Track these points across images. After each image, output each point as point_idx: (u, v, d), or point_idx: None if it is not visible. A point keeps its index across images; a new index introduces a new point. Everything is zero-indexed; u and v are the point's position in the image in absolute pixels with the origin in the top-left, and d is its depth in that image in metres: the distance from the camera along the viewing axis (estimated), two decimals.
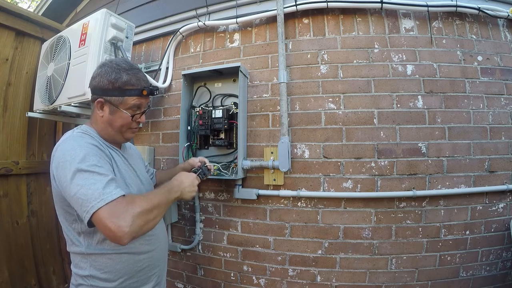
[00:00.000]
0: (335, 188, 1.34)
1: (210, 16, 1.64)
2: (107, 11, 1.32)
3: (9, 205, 1.57)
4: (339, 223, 1.33)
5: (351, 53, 1.40)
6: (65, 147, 0.77)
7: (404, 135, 1.33)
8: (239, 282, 1.46)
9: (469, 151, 1.33)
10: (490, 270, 1.33)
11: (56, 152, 0.78)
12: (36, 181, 1.76)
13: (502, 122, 1.37)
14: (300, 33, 1.47)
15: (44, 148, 1.83)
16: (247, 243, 1.44)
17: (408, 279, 1.30)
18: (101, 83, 0.85)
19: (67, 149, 0.75)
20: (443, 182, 1.31)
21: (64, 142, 0.79)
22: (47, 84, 1.46)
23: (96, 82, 0.86)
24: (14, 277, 1.53)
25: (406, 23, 1.42)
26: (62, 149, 0.77)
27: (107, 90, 0.84)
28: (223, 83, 1.51)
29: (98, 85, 0.85)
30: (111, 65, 0.86)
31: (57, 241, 1.87)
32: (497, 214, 1.34)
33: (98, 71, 0.87)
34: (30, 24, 1.69)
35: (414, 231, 1.31)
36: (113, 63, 0.87)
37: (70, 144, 0.77)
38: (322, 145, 1.36)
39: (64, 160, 0.73)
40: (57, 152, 0.78)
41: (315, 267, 1.35)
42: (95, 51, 1.28)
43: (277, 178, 1.39)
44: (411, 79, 1.36)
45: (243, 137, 1.41)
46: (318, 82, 1.41)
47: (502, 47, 1.43)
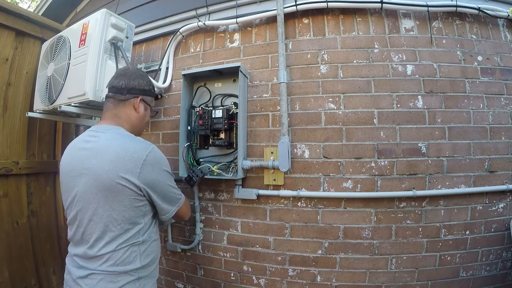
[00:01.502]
0: (335, 188, 1.34)
1: (210, 16, 1.64)
2: (107, 11, 1.32)
3: (9, 205, 1.57)
4: (339, 223, 1.33)
5: (351, 53, 1.40)
6: (159, 153, 0.93)
7: (404, 135, 1.33)
8: (239, 282, 1.46)
9: (469, 151, 1.33)
10: (490, 270, 1.33)
11: (149, 156, 0.88)
12: (36, 181, 1.76)
13: (502, 122, 1.37)
14: (300, 33, 1.47)
15: (44, 148, 1.83)
16: (247, 243, 1.44)
17: (408, 279, 1.30)
18: (141, 84, 1.00)
19: (162, 156, 0.94)
20: (443, 182, 1.31)
21: (155, 151, 0.91)
22: (47, 84, 1.46)
23: (136, 83, 0.99)
24: (14, 277, 1.53)
25: (406, 23, 1.42)
26: (156, 155, 0.91)
27: (145, 91, 1.02)
28: (223, 83, 1.51)
29: (137, 85, 0.99)
30: (139, 70, 1.05)
31: (57, 241, 1.87)
32: (497, 214, 1.34)
33: (135, 74, 1.00)
34: (30, 24, 1.69)
35: (414, 231, 1.31)
36: (135, 68, 1.06)
37: (158, 150, 0.93)
38: (322, 145, 1.36)
39: (165, 164, 0.94)
40: (150, 155, 0.88)
41: (315, 267, 1.35)
42: (95, 51, 1.28)
43: (277, 178, 1.39)
44: (411, 79, 1.36)
45: (243, 137, 1.41)
46: (318, 82, 1.41)
47: (502, 47, 1.43)
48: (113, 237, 0.84)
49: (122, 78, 0.98)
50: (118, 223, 0.84)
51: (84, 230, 0.86)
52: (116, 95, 0.97)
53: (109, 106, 0.98)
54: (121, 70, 1.02)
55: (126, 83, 0.97)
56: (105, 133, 0.91)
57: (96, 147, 0.87)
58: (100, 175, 0.82)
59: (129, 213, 0.85)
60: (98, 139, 0.89)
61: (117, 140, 0.88)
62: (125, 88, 0.97)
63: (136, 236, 0.87)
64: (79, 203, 0.86)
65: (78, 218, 0.88)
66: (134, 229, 0.87)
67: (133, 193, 0.84)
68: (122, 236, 0.85)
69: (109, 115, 0.97)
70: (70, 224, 0.91)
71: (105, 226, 0.83)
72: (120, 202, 0.84)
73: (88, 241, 0.85)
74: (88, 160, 0.86)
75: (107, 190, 0.82)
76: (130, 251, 0.86)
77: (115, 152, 0.84)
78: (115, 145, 0.86)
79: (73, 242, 0.92)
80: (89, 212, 0.85)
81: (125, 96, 0.97)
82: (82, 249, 0.86)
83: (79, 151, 0.91)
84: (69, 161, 0.92)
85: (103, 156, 0.84)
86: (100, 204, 0.83)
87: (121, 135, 0.91)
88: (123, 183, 0.82)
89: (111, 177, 0.82)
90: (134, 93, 0.98)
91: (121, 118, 0.97)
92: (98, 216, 0.84)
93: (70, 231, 0.92)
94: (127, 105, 0.98)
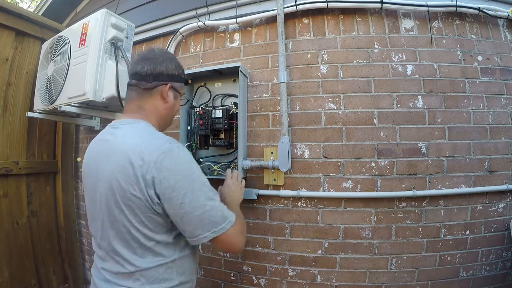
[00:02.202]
0: (335, 188, 1.34)
1: (210, 16, 1.64)
2: (107, 11, 1.32)
3: (9, 205, 1.57)
4: (339, 223, 1.33)
5: (351, 53, 1.40)
6: (177, 153, 0.71)
7: (404, 135, 1.33)
8: (239, 282, 1.46)
9: (469, 151, 1.33)
10: (490, 270, 1.33)
11: (163, 157, 0.68)
12: (36, 181, 1.76)
13: (502, 122, 1.37)
14: (300, 33, 1.47)
15: (44, 148, 1.83)
16: (247, 243, 1.44)
17: (408, 279, 1.30)
18: (169, 68, 0.83)
19: (184, 157, 0.73)
20: (443, 182, 1.31)
21: (173, 150, 0.71)
22: (47, 84, 1.46)
23: (164, 67, 0.82)
24: (14, 277, 1.53)
25: (406, 23, 1.42)
26: (173, 155, 0.70)
27: (174, 76, 0.85)
28: (223, 83, 1.51)
29: (165, 70, 0.82)
30: (166, 52, 0.87)
31: (57, 241, 1.87)
32: (497, 214, 1.34)
33: (162, 56, 0.83)
34: (30, 24, 1.69)
35: (414, 231, 1.31)
36: (161, 50, 0.87)
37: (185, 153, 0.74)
38: (322, 145, 1.36)
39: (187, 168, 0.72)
40: (164, 157, 0.68)
41: (315, 267, 1.35)
42: (95, 51, 1.28)
43: (277, 178, 1.39)
44: (411, 79, 1.36)
45: (243, 137, 1.41)
46: (318, 82, 1.41)
47: (502, 47, 1.43)
48: (142, 255, 0.72)
49: (147, 62, 0.81)
50: (140, 241, 0.71)
51: (109, 245, 0.74)
52: (140, 83, 0.81)
53: (132, 96, 0.83)
54: (144, 53, 0.84)
55: (152, 68, 0.81)
56: (123, 128, 0.77)
57: (110, 148, 0.74)
58: (114, 184, 0.69)
59: (151, 229, 0.71)
60: (114, 138, 0.76)
61: (130, 138, 0.73)
62: (151, 74, 0.81)
63: (170, 253, 0.75)
64: (102, 214, 0.74)
65: (102, 231, 0.76)
66: (164, 246, 0.74)
67: (149, 207, 0.69)
68: (153, 253, 0.73)
69: (132, 107, 0.82)
70: (95, 235, 0.80)
71: (130, 241, 0.71)
72: (137, 217, 0.70)
73: (114, 258, 0.74)
74: (103, 164, 0.74)
75: (122, 203, 0.69)
76: (164, 267, 0.74)
77: (125, 155, 0.69)
78: (126, 144, 0.71)
79: (99, 255, 0.81)
80: (113, 226, 0.72)
81: (151, 84, 0.81)
82: (109, 264, 0.76)
83: (97, 151, 0.80)
84: (88, 162, 0.82)
85: (114, 159, 0.71)
86: (120, 218, 0.70)
87: (137, 131, 0.75)
88: (137, 194, 0.67)
89: (123, 186, 0.68)
90: (161, 80, 0.82)
91: (146, 109, 0.82)
92: (121, 233, 0.71)
93: (95, 242, 0.81)
94: (154, 94, 0.82)
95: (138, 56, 0.84)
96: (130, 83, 0.83)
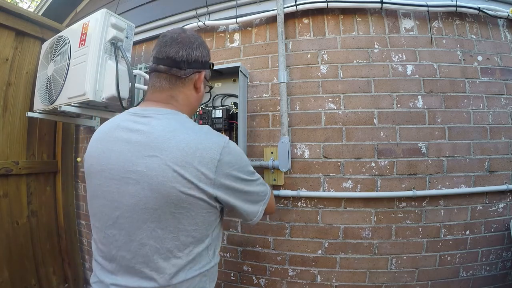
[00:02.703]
0: (335, 188, 1.34)
1: (210, 16, 1.64)
2: (107, 11, 1.32)
3: (9, 205, 1.57)
4: (339, 223, 1.33)
5: (351, 53, 1.40)
6: (234, 147, 0.69)
7: (404, 135, 1.33)
8: (239, 282, 1.46)
9: (469, 151, 1.33)
10: (490, 270, 1.33)
11: (225, 153, 0.64)
12: (36, 181, 1.76)
13: (502, 122, 1.37)
14: (300, 33, 1.47)
15: (44, 148, 1.83)
16: (247, 243, 1.44)
17: (408, 279, 1.30)
18: (203, 55, 0.74)
19: (238, 149, 0.72)
20: (443, 182, 1.31)
21: (230, 145, 0.67)
22: (47, 84, 1.46)
23: (200, 53, 0.73)
24: (14, 277, 1.53)
25: (406, 23, 1.42)
26: (232, 150, 0.68)
27: (206, 63, 0.77)
28: (223, 83, 1.51)
29: (200, 57, 0.73)
30: (197, 36, 0.76)
31: (57, 241, 1.87)
32: (497, 214, 1.34)
33: (197, 41, 0.73)
34: (30, 24, 1.69)
35: (414, 231, 1.31)
36: (192, 32, 0.76)
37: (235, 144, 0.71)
38: (322, 145, 1.36)
39: (244, 160, 0.72)
40: (226, 152, 0.64)
41: (315, 267, 1.35)
42: (95, 51, 1.28)
43: (277, 178, 1.39)
44: (411, 79, 1.36)
45: (243, 137, 1.41)
46: (318, 82, 1.41)
47: (502, 47, 1.43)
48: (180, 266, 0.62)
49: (182, 47, 0.70)
50: (186, 246, 0.63)
51: (134, 257, 0.62)
52: (173, 70, 0.70)
53: (162, 85, 0.71)
54: (176, 34, 0.72)
55: (187, 54, 0.70)
56: (160, 119, 0.65)
57: (150, 140, 0.62)
58: (162, 184, 0.58)
59: (200, 231, 0.64)
60: (152, 128, 0.63)
61: (179, 132, 0.62)
62: (186, 61, 0.70)
63: (206, 257, 0.68)
64: (126, 220, 0.62)
65: (121, 240, 0.63)
66: (204, 250, 0.67)
67: (207, 206, 0.63)
68: (192, 262, 0.64)
69: (163, 97, 0.71)
70: (105, 244, 0.66)
71: (169, 251, 0.61)
72: (190, 220, 0.62)
73: (141, 271, 0.62)
74: (137, 159, 0.61)
75: (172, 205, 0.60)
76: (200, 276, 0.66)
77: (179, 150, 0.60)
78: (178, 139, 0.61)
79: (108, 268, 0.66)
80: (143, 234, 0.61)
81: (185, 72, 0.71)
82: (128, 279, 0.63)
83: (119, 142, 0.65)
84: (100, 155, 0.67)
85: (163, 155, 0.59)
86: (162, 224, 0.60)
87: (183, 125, 0.66)
88: (195, 194, 0.60)
89: (177, 187, 0.59)
90: (196, 67, 0.73)
91: (179, 101, 0.72)
92: (158, 240, 0.61)
93: (103, 252, 0.68)
94: (187, 84, 0.73)
95: (167, 37, 0.72)
96: (159, 69, 0.71)
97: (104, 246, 0.67)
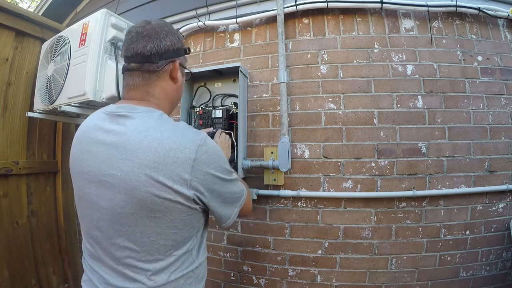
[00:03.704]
0: (335, 188, 1.34)
1: (210, 16, 1.64)
2: (107, 11, 1.32)
3: (9, 205, 1.57)
4: (339, 223, 1.33)
5: (351, 53, 1.40)
6: (211, 144, 0.66)
7: (404, 135, 1.33)
8: (239, 282, 1.46)
9: (469, 151, 1.33)
10: (490, 270, 1.33)
11: (201, 151, 0.62)
12: (36, 181, 1.76)
13: (502, 122, 1.37)
14: (300, 33, 1.47)
15: (44, 148, 1.83)
16: (247, 243, 1.44)
17: (408, 279, 1.30)
18: (174, 42, 0.69)
19: (215, 146, 0.67)
20: (443, 182, 1.31)
21: (207, 142, 0.64)
22: (47, 84, 1.46)
23: (169, 42, 0.68)
24: (14, 277, 1.53)
25: (406, 23, 1.42)
26: (209, 147, 0.64)
27: (179, 50, 0.72)
28: (223, 83, 1.51)
29: (171, 45, 0.69)
30: (164, 23, 0.71)
31: (57, 241, 1.87)
32: (497, 214, 1.34)
33: (164, 30, 0.68)
34: (30, 24, 1.69)
35: (414, 231, 1.31)
36: (158, 21, 0.71)
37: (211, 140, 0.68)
38: (322, 145, 1.36)
39: (221, 157, 0.69)
40: (202, 151, 0.62)
41: (315, 267, 1.35)
42: (95, 51, 1.28)
43: (277, 178, 1.39)
44: (411, 79, 1.36)
45: (243, 137, 1.41)
46: (318, 82, 1.41)
47: (502, 47, 1.43)
48: (161, 269, 0.62)
49: (149, 40, 0.66)
50: (167, 249, 0.62)
51: (116, 259, 0.63)
52: (144, 66, 0.66)
53: (136, 83, 0.68)
54: (141, 28, 0.67)
55: (156, 46, 0.66)
56: (135, 118, 0.63)
57: (123, 142, 0.60)
58: (136, 188, 0.57)
59: (180, 235, 0.63)
60: (125, 129, 0.62)
61: (153, 132, 0.60)
62: (156, 53, 0.66)
63: (189, 258, 0.67)
64: (105, 223, 0.62)
65: (103, 243, 0.64)
66: (186, 251, 0.66)
67: (186, 209, 0.61)
68: (173, 263, 0.64)
69: (138, 94, 0.68)
70: (91, 244, 0.68)
71: (149, 254, 0.61)
72: (169, 223, 0.60)
73: (123, 273, 0.62)
74: (112, 161, 0.60)
75: (147, 210, 0.58)
76: (185, 278, 0.66)
77: (151, 152, 0.57)
78: (150, 139, 0.59)
79: (95, 268, 0.68)
80: (122, 237, 0.61)
81: (157, 65, 0.67)
82: (115, 279, 0.63)
83: (95, 143, 0.64)
84: (81, 156, 0.66)
85: (135, 157, 0.58)
86: (139, 228, 0.60)
87: (157, 123, 0.63)
88: (171, 198, 0.58)
89: (152, 191, 0.57)
90: (168, 57, 0.69)
91: (155, 96, 0.69)
92: (137, 243, 0.60)
93: (90, 252, 0.69)
94: (162, 76, 0.69)
95: (132, 32, 0.67)
96: (130, 67, 0.68)
97: (91, 246, 0.68)
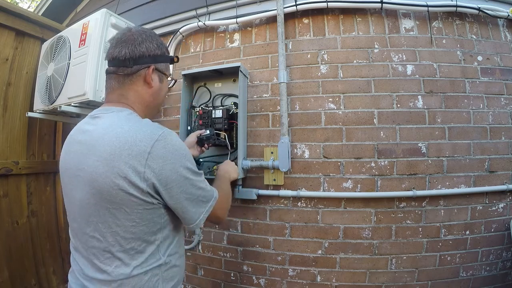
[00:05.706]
0: (335, 188, 1.34)
1: (210, 16, 1.64)
2: (107, 11, 1.32)
3: (9, 205, 1.57)
4: (339, 223, 1.33)
5: (351, 53, 1.40)
6: (171, 138, 0.67)
7: (404, 135, 1.33)
8: (239, 282, 1.46)
9: (469, 151, 1.33)
10: (490, 270, 1.33)
11: (157, 145, 0.63)
12: (36, 181, 1.76)
13: (502, 122, 1.37)
14: (300, 33, 1.47)
15: (44, 148, 1.83)
16: (247, 243, 1.44)
17: (408, 279, 1.30)
18: (150, 48, 0.74)
19: (176, 141, 0.68)
20: (443, 182, 1.31)
21: (165, 136, 0.66)
22: (47, 84, 1.46)
23: (144, 48, 0.73)
24: (14, 277, 1.53)
25: (406, 23, 1.42)
26: (167, 142, 0.66)
27: (156, 56, 0.76)
28: (223, 83, 1.51)
29: (147, 51, 0.73)
30: (144, 31, 0.76)
31: (57, 241, 1.87)
32: (497, 214, 1.34)
33: (140, 36, 0.73)
34: (30, 24, 1.69)
35: (414, 231, 1.31)
36: (138, 29, 0.76)
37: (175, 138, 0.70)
38: (322, 145, 1.36)
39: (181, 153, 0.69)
40: (158, 145, 0.64)
41: (315, 267, 1.35)
42: (95, 51, 1.28)
43: (277, 178, 1.39)
44: (411, 79, 1.36)
45: (243, 137, 1.41)
46: (318, 82, 1.41)
47: (502, 47, 1.43)
48: (124, 259, 0.65)
49: (124, 45, 0.72)
50: (128, 241, 0.65)
51: (87, 249, 0.68)
52: (120, 69, 0.72)
53: (112, 85, 0.74)
54: (121, 35, 0.74)
55: (130, 51, 0.71)
56: (105, 118, 0.69)
57: (91, 139, 0.66)
58: (96, 180, 0.62)
59: (140, 229, 0.65)
60: (95, 128, 0.68)
61: (115, 127, 0.65)
62: (130, 58, 0.71)
63: (155, 255, 0.69)
64: (78, 215, 0.68)
65: (78, 233, 0.70)
66: (151, 247, 0.68)
67: (142, 202, 0.63)
68: (136, 257, 0.66)
69: (114, 97, 0.74)
70: (72, 236, 0.74)
71: (111, 245, 0.64)
72: (126, 216, 0.63)
73: (93, 263, 0.66)
74: (83, 157, 0.66)
75: (106, 201, 0.62)
76: (149, 275, 0.67)
77: (110, 146, 0.62)
78: (111, 134, 0.63)
79: (75, 257, 0.73)
80: (90, 227, 0.66)
81: (131, 69, 0.72)
82: (89, 270, 0.68)
83: (75, 143, 0.71)
84: (65, 156, 0.73)
85: (96, 152, 0.63)
86: (101, 219, 0.64)
87: (122, 120, 0.67)
88: (126, 189, 0.61)
89: (108, 182, 0.61)
90: (143, 63, 0.73)
91: (129, 98, 0.74)
92: (101, 233, 0.64)
93: (73, 243, 0.75)
94: (136, 80, 0.74)
95: (114, 39, 0.74)
96: (108, 70, 0.74)
97: (72, 238, 0.75)
